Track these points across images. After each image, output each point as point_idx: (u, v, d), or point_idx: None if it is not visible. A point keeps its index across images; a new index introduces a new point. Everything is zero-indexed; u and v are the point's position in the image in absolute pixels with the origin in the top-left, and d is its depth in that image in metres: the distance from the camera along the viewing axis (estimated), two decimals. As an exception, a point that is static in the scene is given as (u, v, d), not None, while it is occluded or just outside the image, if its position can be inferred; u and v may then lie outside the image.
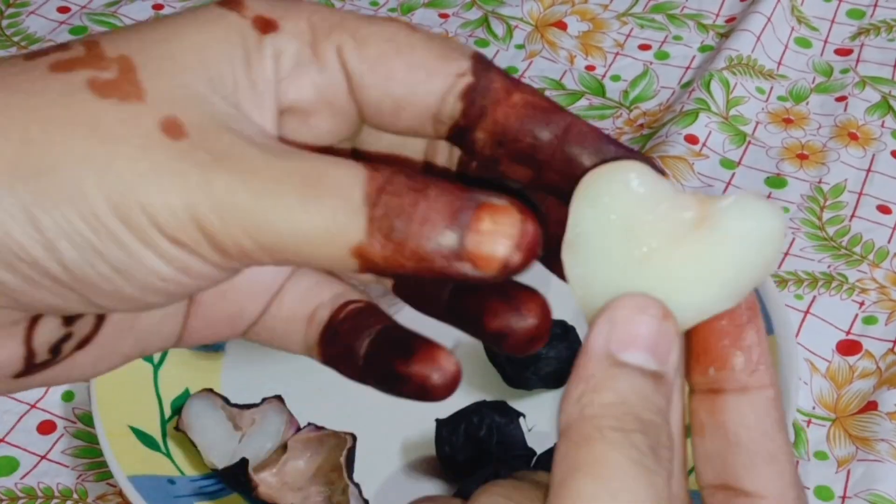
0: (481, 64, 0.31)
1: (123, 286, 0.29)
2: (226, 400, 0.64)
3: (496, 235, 0.29)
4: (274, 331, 0.35)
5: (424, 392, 0.32)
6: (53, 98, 0.28)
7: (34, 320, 0.31)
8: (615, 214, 0.30)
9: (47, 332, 0.31)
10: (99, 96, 0.28)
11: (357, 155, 0.35)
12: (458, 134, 0.32)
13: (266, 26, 0.31)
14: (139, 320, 0.34)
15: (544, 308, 0.32)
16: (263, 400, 0.63)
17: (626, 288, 0.30)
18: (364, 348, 0.34)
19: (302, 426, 0.62)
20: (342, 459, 0.59)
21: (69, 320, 0.32)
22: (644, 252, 0.30)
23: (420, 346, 0.32)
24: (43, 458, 0.65)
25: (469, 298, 0.33)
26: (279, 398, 0.63)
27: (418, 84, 0.31)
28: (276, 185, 0.28)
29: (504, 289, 0.32)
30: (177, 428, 0.63)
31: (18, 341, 0.31)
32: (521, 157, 0.31)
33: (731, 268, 0.30)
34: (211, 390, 0.64)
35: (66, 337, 0.32)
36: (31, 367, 0.32)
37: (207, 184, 0.28)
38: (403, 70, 0.31)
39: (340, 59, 0.31)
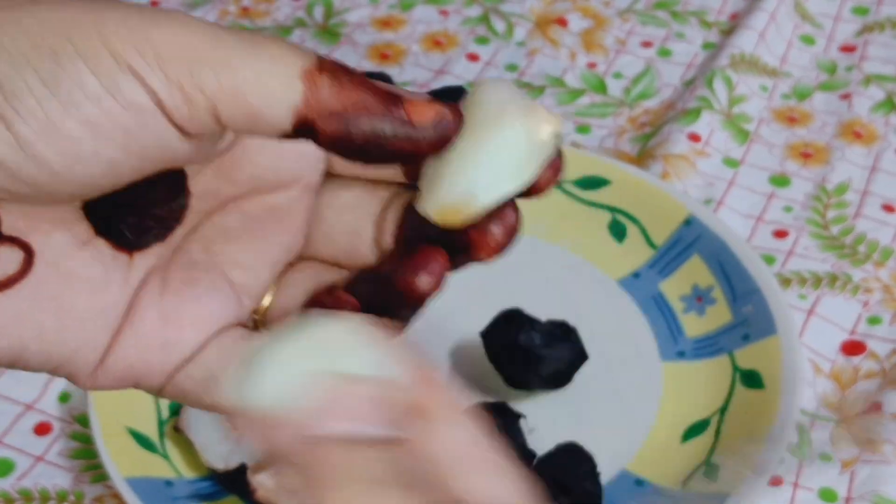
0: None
1: (46, 99, 0.29)
2: (224, 401, 0.63)
3: (428, 101, 0.31)
4: (208, 369, 0.34)
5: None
6: None
7: None
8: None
9: None
10: None
11: None
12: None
13: None
14: (66, 289, 0.33)
15: (443, 266, 0.33)
16: (262, 401, 0.63)
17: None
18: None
19: (300, 428, 0.62)
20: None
21: None
22: None
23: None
24: (39, 459, 0.64)
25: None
26: (277, 399, 0.63)
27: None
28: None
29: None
30: (175, 428, 0.63)
31: None
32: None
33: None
34: (209, 391, 0.64)
35: None
36: None
37: (163, 12, 0.30)
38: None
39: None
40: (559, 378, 0.65)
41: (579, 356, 0.65)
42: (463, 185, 0.31)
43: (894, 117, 0.85)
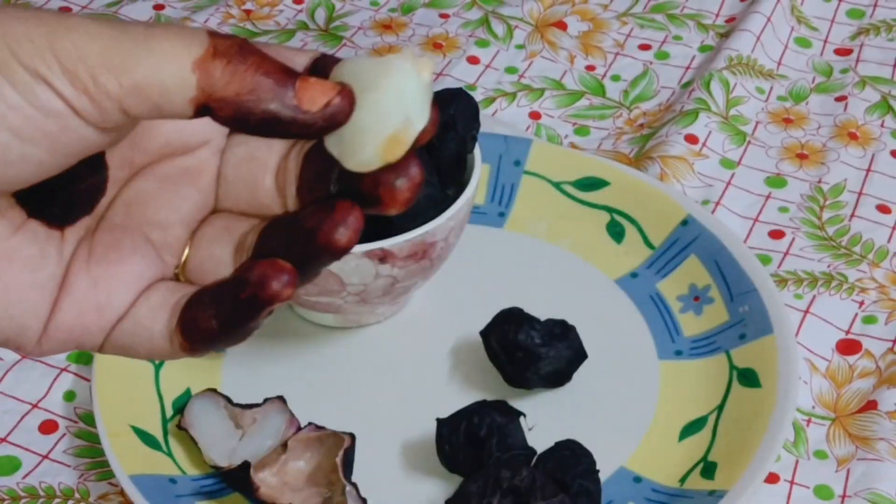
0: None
1: None
2: (228, 400, 0.64)
3: (321, 83, 0.33)
4: (140, 323, 0.36)
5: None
6: None
7: None
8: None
9: None
10: None
11: None
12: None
13: None
14: (7, 269, 0.35)
15: (358, 219, 0.34)
16: (265, 400, 0.64)
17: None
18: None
19: (303, 426, 0.62)
20: (339, 460, 0.59)
21: None
22: None
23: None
24: (45, 457, 0.65)
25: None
26: (281, 398, 0.64)
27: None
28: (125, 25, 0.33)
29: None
30: (179, 426, 0.64)
31: None
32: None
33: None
34: (214, 390, 0.65)
35: None
36: None
37: (63, 20, 0.32)
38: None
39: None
40: (558, 376, 0.66)
41: (578, 355, 0.66)
42: (396, 117, 0.33)
43: (889, 119, 0.86)
